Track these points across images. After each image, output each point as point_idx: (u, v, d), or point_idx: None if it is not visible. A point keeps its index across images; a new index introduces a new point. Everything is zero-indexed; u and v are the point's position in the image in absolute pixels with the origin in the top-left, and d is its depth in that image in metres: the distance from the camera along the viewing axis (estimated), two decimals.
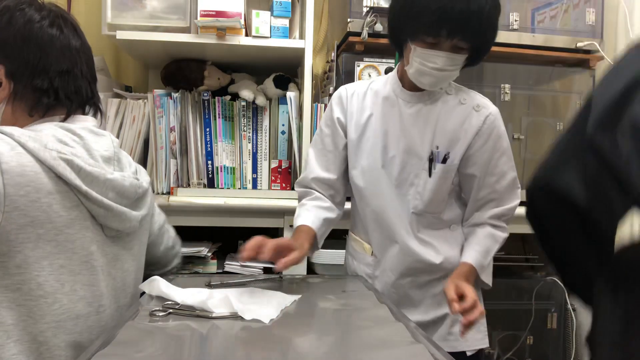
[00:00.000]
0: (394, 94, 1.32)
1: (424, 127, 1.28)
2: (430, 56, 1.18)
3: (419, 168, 1.28)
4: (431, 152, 1.27)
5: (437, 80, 1.22)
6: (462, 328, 1.12)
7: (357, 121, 1.34)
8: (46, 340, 0.91)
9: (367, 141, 1.32)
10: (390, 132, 1.30)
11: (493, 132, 1.27)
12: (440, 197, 1.30)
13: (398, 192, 1.30)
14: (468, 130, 1.26)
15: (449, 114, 1.28)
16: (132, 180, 1.04)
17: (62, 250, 0.92)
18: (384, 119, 1.31)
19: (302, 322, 0.94)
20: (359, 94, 1.36)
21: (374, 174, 1.32)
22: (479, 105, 1.28)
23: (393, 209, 1.31)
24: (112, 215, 0.99)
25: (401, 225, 1.31)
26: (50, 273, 0.91)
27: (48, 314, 0.91)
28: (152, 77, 2.10)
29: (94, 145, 0.99)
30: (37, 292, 0.89)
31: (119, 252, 1.06)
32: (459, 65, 1.21)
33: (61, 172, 0.91)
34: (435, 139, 1.27)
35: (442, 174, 1.27)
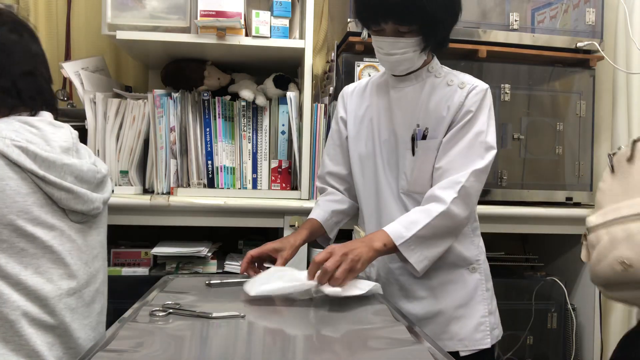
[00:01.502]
0: (385, 82, 1.36)
1: (409, 110, 1.29)
2: (378, 42, 1.23)
3: (404, 149, 1.29)
4: (413, 131, 1.28)
5: (393, 64, 1.25)
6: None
7: (355, 114, 1.39)
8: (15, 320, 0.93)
9: (364, 131, 1.37)
10: (382, 118, 1.34)
11: (474, 105, 1.23)
12: (424, 175, 1.27)
13: (390, 175, 1.32)
14: (451, 106, 1.25)
15: (434, 94, 1.28)
16: (90, 166, 1.07)
17: (21, 234, 0.95)
18: (377, 108, 1.35)
19: (301, 322, 0.94)
20: (359, 90, 1.42)
21: (370, 160, 1.35)
22: (463, 82, 1.27)
23: (387, 192, 1.32)
24: (73, 197, 1.01)
25: (393, 208, 1.31)
26: (11, 255, 0.93)
27: (13, 295, 0.92)
28: (152, 77, 2.10)
29: (51, 136, 1.02)
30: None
31: (87, 235, 1.08)
32: (408, 49, 1.21)
33: (15, 159, 0.93)
34: (419, 118, 1.28)
35: (423, 151, 1.26)
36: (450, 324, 1.27)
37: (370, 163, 1.35)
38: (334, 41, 1.89)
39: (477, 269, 1.31)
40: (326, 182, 1.46)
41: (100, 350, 0.74)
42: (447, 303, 1.28)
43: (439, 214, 1.17)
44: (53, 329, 0.98)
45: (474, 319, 1.28)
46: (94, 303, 1.10)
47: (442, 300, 1.28)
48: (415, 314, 1.28)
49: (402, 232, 1.16)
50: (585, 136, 1.94)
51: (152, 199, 1.61)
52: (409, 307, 1.29)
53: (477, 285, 1.30)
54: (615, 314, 1.97)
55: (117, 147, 1.73)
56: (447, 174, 1.22)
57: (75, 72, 1.77)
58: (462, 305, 1.28)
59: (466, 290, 1.29)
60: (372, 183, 1.35)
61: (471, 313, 1.28)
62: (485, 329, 1.29)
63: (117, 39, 1.65)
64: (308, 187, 1.72)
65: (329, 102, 1.76)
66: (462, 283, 1.29)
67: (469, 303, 1.29)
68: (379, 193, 1.34)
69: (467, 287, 1.29)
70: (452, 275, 1.29)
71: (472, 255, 1.31)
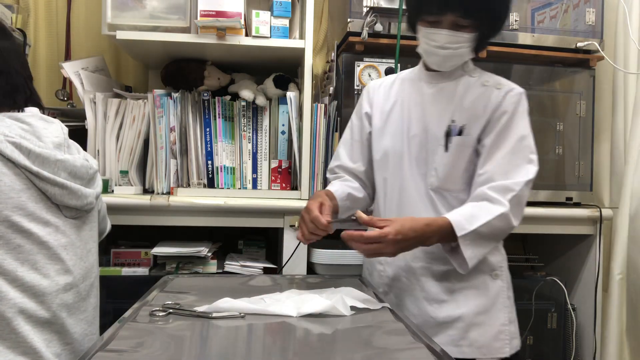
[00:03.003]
0: (418, 77, 1.34)
1: (442, 105, 1.27)
2: (431, 34, 1.20)
3: (436, 145, 1.26)
4: (448, 127, 1.25)
5: (443, 59, 1.23)
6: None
7: (382, 110, 1.36)
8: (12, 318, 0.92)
9: (391, 125, 1.33)
10: (412, 113, 1.31)
11: (512, 108, 1.23)
12: (456, 172, 1.25)
13: (418, 171, 1.28)
14: (487, 106, 1.24)
15: (469, 93, 1.27)
16: (82, 162, 1.07)
17: (17, 230, 0.94)
18: (408, 103, 1.32)
19: (300, 322, 0.94)
20: (386, 86, 1.40)
21: (396, 155, 1.31)
22: (500, 84, 1.27)
23: (413, 189, 1.29)
24: (68, 193, 1.01)
25: (421, 206, 1.27)
26: (7, 252, 0.93)
27: (10, 292, 0.92)
28: (152, 77, 2.10)
29: (43, 132, 1.02)
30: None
31: (80, 230, 1.08)
32: (463, 44, 1.20)
33: (9, 155, 0.93)
34: (454, 115, 1.26)
35: (457, 147, 1.24)
36: (470, 330, 1.24)
37: (395, 158, 1.31)
38: (334, 41, 1.89)
39: (499, 275, 1.29)
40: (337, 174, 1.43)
41: (100, 350, 0.74)
42: (467, 308, 1.25)
43: (500, 214, 1.16)
44: (50, 325, 0.98)
45: (494, 327, 1.25)
46: (90, 297, 1.10)
47: (462, 305, 1.25)
48: (434, 317, 1.26)
49: (464, 224, 1.14)
50: (585, 136, 1.94)
51: (152, 199, 1.61)
52: (429, 309, 1.26)
53: (498, 292, 1.28)
54: (615, 314, 1.96)
55: (117, 147, 1.73)
56: (494, 178, 1.20)
57: (75, 72, 1.77)
58: (482, 312, 1.25)
59: (487, 297, 1.26)
60: (396, 179, 1.31)
61: (491, 320, 1.25)
62: (504, 337, 1.26)
63: (117, 39, 1.65)
64: (308, 187, 1.72)
65: (329, 102, 1.76)
66: (484, 289, 1.27)
67: (490, 310, 1.26)
68: (403, 190, 1.30)
69: (489, 294, 1.27)
70: (475, 281, 1.26)
71: (496, 261, 1.29)
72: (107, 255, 1.67)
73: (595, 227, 1.87)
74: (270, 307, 0.97)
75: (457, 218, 1.16)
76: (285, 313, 0.95)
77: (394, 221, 1.12)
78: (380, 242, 1.09)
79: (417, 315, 1.27)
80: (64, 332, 1.01)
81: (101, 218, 1.28)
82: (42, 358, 0.95)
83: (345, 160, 1.40)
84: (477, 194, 1.21)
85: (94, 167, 1.12)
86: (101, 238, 1.33)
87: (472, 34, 1.19)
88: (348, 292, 1.11)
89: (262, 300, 1.02)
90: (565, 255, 2.03)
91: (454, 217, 1.16)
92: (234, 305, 0.97)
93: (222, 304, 0.96)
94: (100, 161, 1.71)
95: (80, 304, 1.06)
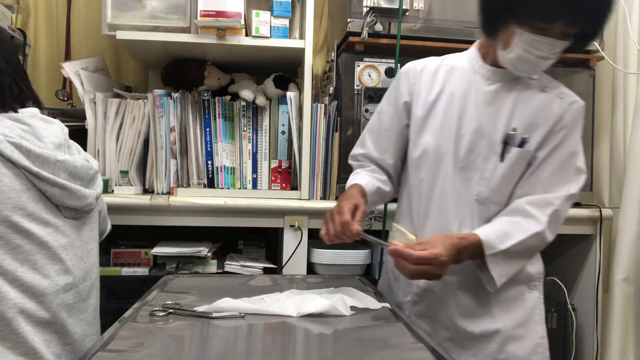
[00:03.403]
0: (472, 68, 1.22)
1: (500, 107, 1.17)
2: (538, 42, 1.07)
3: (489, 151, 1.16)
4: (506, 135, 1.15)
5: (536, 68, 1.14)
6: None
7: (425, 98, 1.23)
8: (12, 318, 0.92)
9: (435, 119, 1.21)
10: (463, 110, 1.19)
11: (572, 123, 1.15)
12: (509, 185, 1.16)
13: (462, 176, 1.17)
14: (549, 116, 1.15)
15: (530, 98, 1.17)
16: (83, 162, 1.07)
17: (16, 230, 0.94)
18: (458, 96, 1.20)
19: (300, 322, 0.94)
20: (429, 71, 1.25)
21: (438, 154, 1.19)
22: (563, 93, 1.18)
23: (454, 195, 1.18)
24: (67, 193, 1.01)
25: (460, 214, 1.17)
26: (7, 252, 0.93)
27: (10, 292, 0.92)
28: (152, 77, 2.10)
29: (43, 132, 1.02)
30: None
31: (80, 231, 1.08)
32: (559, 53, 1.11)
33: (9, 155, 0.93)
34: (513, 121, 1.15)
35: (516, 160, 1.14)
36: (508, 344, 1.18)
37: (437, 158, 1.19)
38: (334, 41, 1.89)
39: (537, 286, 1.23)
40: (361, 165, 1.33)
41: (100, 350, 0.74)
42: (505, 322, 1.18)
43: (534, 233, 1.10)
44: (50, 325, 0.98)
45: (531, 340, 1.20)
46: (90, 298, 1.10)
47: (499, 319, 1.18)
48: (471, 332, 1.19)
49: (495, 243, 1.08)
50: (585, 136, 1.94)
51: (152, 199, 1.61)
52: (464, 324, 1.20)
53: (535, 304, 1.22)
54: (615, 314, 1.96)
55: (117, 147, 1.73)
56: (534, 191, 1.14)
57: (75, 72, 1.77)
58: (520, 325, 1.19)
59: (525, 309, 1.20)
60: (433, 182, 1.20)
61: (529, 333, 1.20)
62: (542, 351, 1.21)
63: (117, 39, 1.65)
64: (308, 187, 1.72)
65: (329, 102, 1.76)
66: (521, 301, 1.20)
67: (528, 323, 1.20)
68: (443, 196, 1.19)
69: (526, 306, 1.21)
70: (512, 292, 1.20)
71: (535, 271, 1.23)
72: (107, 255, 1.67)
73: (596, 227, 1.87)
74: (270, 307, 0.97)
75: (488, 236, 1.09)
76: (285, 313, 0.95)
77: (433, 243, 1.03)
78: (431, 264, 1.00)
79: (451, 329, 1.21)
80: (64, 332, 1.01)
81: (102, 218, 1.28)
82: (42, 358, 0.95)
83: (372, 150, 1.29)
84: (514, 207, 1.14)
85: (94, 168, 1.12)
86: (101, 238, 1.33)
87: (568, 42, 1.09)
88: (348, 292, 1.11)
89: (262, 300, 1.02)
90: (565, 255, 2.02)
91: (485, 234, 1.09)
92: (234, 305, 0.97)
93: (222, 304, 0.96)
94: (100, 161, 1.71)
95: (81, 304, 1.06)
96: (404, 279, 1.25)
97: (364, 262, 1.73)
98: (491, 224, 1.13)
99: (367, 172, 1.28)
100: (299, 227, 1.65)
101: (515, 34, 1.08)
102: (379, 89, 1.71)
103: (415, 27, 1.74)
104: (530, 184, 1.15)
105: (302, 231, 1.66)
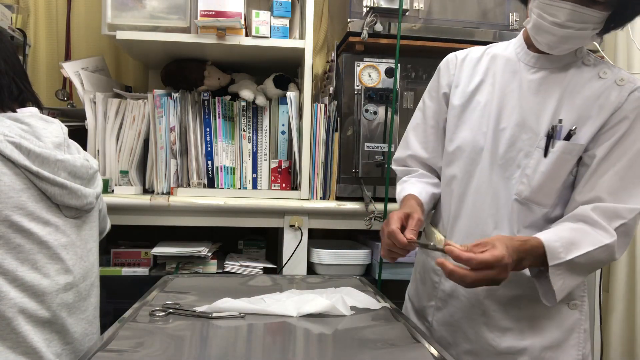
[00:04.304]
0: (516, 56, 1.10)
1: (546, 97, 1.04)
2: (551, 7, 0.97)
3: (531, 146, 1.04)
4: (551, 127, 1.02)
5: (558, 41, 1.00)
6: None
7: (463, 88, 1.14)
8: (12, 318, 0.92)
9: (473, 111, 1.11)
10: (505, 101, 1.08)
11: (634, 112, 0.99)
12: (553, 184, 1.02)
13: (501, 174, 1.06)
14: (604, 106, 1.00)
15: (582, 86, 1.03)
16: (82, 162, 1.07)
17: (17, 230, 0.94)
18: (500, 85, 1.09)
19: (300, 322, 0.94)
20: (472, 59, 1.17)
21: (475, 149, 1.09)
22: (623, 78, 1.02)
23: (490, 194, 1.07)
24: (67, 192, 1.01)
25: (498, 215, 1.06)
26: (7, 251, 0.93)
27: (10, 291, 0.92)
28: (152, 77, 2.10)
29: (43, 132, 1.02)
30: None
31: (80, 230, 1.08)
32: (590, 25, 0.97)
33: (8, 155, 0.93)
34: (559, 112, 1.03)
35: (561, 154, 1.01)
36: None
37: (473, 153, 1.09)
38: (334, 41, 1.89)
39: (578, 306, 1.09)
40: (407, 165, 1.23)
41: (100, 350, 0.74)
42: (534, 341, 1.06)
43: (604, 246, 0.95)
44: (50, 324, 0.98)
45: None
46: (90, 297, 1.10)
47: (528, 337, 1.06)
48: (494, 347, 1.08)
49: (560, 253, 0.94)
50: None
51: (152, 199, 1.61)
52: (489, 337, 1.08)
53: (574, 325, 1.08)
54: (615, 314, 1.96)
55: (117, 147, 1.73)
56: (602, 199, 0.99)
57: (75, 72, 1.77)
58: (552, 347, 1.06)
59: (561, 330, 1.07)
60: (469, 179, 1.10)
61: (561, 357, 1.07)
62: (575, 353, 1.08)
63: (117, 39, 1.65)
64: (308, 187, 1.72)
65: (329, 102, 1.76)
66: (558, 320, 1.07)
67: (562, 345, 1.07)
68: (477, 194, 1.08)
69: (563, 326, 1.07)
70: (548, 309, 1.06)
71: (578, 289, 1.08)
72: (107, 255, 1.68)
73: None
74: (270, 307, 0.97)
75: (552, 243, 0.94)
76: (285, 313, 0.95)
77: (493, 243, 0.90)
78: (493, 269, 0.87)
79: (473, 341, 1.11)
80: (65, 331, 1.01)
81: (101, 218, 1.28)
82: (43, 358, 0.95)
83: (418, 150, 1.20)
84: (579, 213, 0.99)
85: (94, 167, 1.12)
86: (101, 238, 1.33)
87: (604, 13, 0.95)
88: (348, 292, 1.11)
89: (262, 300, 1.02)
90: None
91: (548, 239, 0.95)
92: (234, 305, 0.97)
93: (222, 304, 0.96)
94: (100, 161, 1.71)
95: (81, 303, 1.06)
96: (430, 282, 1.19)
97: (364, 262, 1.73)
98: (554, 229, 0.99)
99: (416, 179, 1.19)
100: (299, 227, 1.65)
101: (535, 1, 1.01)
102: (379, 89, 1.71)
103: (415, 27, 1.74)
104: (593, 188, 1.00)
105: (302, 231, 1.66)
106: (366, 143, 1.69)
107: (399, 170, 1.26)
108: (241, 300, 1.00)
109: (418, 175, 1.20)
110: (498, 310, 1.08)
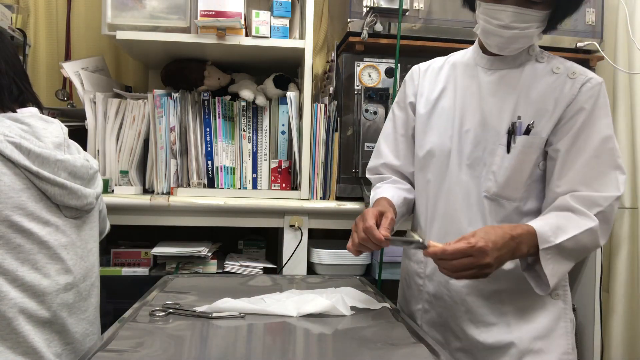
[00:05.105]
0: (473, 61, 1.17)
1: (504, 97, 1.09)
2: (494, 11, 1.03)
3: (494, 144, 1.09)
4: (511, 124, 1.07)
5: (506, 42, 1.05)
6: None
7: (427, 96, 1.20)
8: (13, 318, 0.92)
9: (439, 117, 1.17)
10: (466, 104, 1.13)
11: (590, 103, 1.04)
12: (519, 178, 1.07)
13: (470, 173, 1.11)
14: (559, 99, 1.05)
15: (536, 82, 1.08)
16: (83, 162, 1.07)
17: (17, 230, 0.94)
18: (461, 91, 1.15)
19: (300, 322, 0.94)
20: (433, 69, 1.23)
21: (444, 152, 1.14)
22: (574, 72, 1.07)
23: (461, 193, 1.12)
24: (67, 193, 1.01)
25: (470, 213, 1.11)
26: (8, 252, 0.93)
27: (10, 292, 0.92)
28: (152, 77, 2.10)
29: (43, 132, 1.02)
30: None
31: (81, 230, 1.08)
32: (533, 24, 1.03)
33: (8, 155, 0.93)
34: (518, 109, 1.08)
35: (523, 148, 1.06)
36: (525, 357, 1.07)
37: (441, 157, 1.14)
38: (334, 41, 1.89)
39: (560, 295, 1.11)
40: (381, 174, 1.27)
41: (100, 350, 0.74)
42: (522, 333, 1.08)
43: (588, 229, 0.99)
44: (50, 324, 0.98)
45: (553, 355, 1.08)
46: (90, 297, 1.10)
47: (516, 330, 1.08)
48: (482, 342, 1.10)
49: (550, 237, 0.98)
50: None
51: (152, 199, 1.61)
52: (475, 333, 1.11)
53: (560, 314, 1.10)
54: (615, 314, 1.96)
55: (117, 147, 1.73)
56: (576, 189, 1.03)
57: (75, 72, 1.77)
58: (540, 337, 1.08)
59: (547, 320, 1.09)
60: (441, 181, 1.15)
61: (551, 347, 1.08)
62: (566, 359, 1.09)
63: (117, 39, 1.65)
64: (308, 187, 1.72)
65: (329, 102, 1.76)
66: (542, 310, 1.09)
67: (550, 335, 1.08)
68: (450, 194, 1.13)
69: (549, 317, 1.09)
70: (531, 301, 1.09)
71: None
72: (107, 255, 1.68)
73: None
74: (270, 307, 0.97)
75: (542, 227, 0.98)
76: (285, 313, 0.95)
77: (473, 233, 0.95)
78: (471, 255, 0.91)
79: (462, 339, 1.13)
80: (65, 332, 1.01)
81: (101, 219, 1.28)
82: (43, 358, 0.95)
83: (390, 158, 1.25)
84: (558, 204, 1.03)
85: (94, 167, 1.12)
86: (100, 238, 1.33)
87: (544, 12, 1.02)
88: (348, 292, 1.11)
89: (262, 300, 1.02)
90: None
91: (538, 225, 0.99)
92: (234, 305, 0.97)
93: (222, 304, 0.96)
94: (100, 161, 1.71)
95: (81, 303, 1.06)
96: (415, 286, 1.21)
97: (364, 262, 1.73)
98: (540, 217, 1.03)
99: (389, 185, 1.23)
100: (299, 227, 1.65)
101: (478, 5, 1.09)
102: (379, 89, 1.71)
103: (415, 27, 1.74)
104: (567, 180, 1.04)
105: (302, 231, 1.66)
106: (366, 143, 1.70)
107: (372, 178, 1.31)
108: (241, 300, 1.00)
109: (391, 182, 1.25)
110: (482, 305, 1.11)
